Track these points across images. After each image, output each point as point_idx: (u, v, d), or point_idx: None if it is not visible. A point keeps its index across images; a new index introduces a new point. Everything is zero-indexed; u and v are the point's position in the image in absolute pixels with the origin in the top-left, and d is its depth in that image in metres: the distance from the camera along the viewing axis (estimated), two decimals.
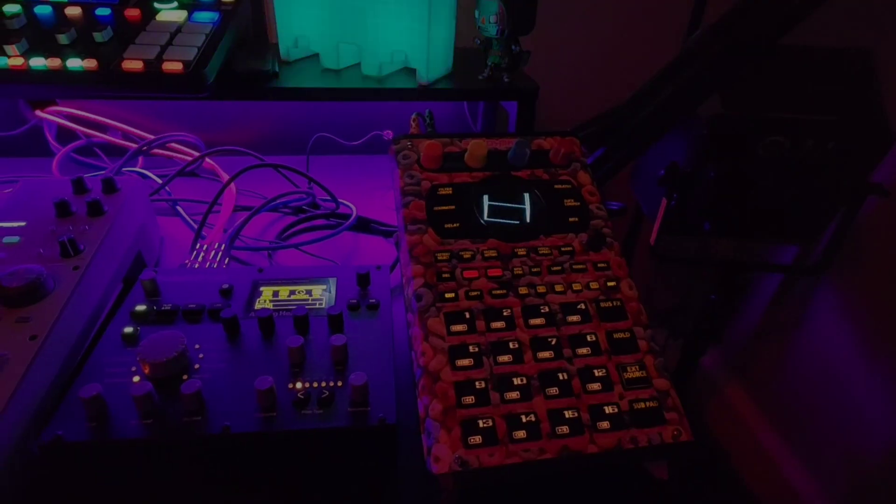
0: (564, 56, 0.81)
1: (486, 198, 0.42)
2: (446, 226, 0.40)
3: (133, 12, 0.60)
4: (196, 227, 0.62)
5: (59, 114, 0.72)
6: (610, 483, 0.38)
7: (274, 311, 0.43)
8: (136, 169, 0.69)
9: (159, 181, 0.67)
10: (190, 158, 0.74)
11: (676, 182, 0.70)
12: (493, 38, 0.60)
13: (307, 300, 0.45)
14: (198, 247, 0.53)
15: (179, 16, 0.61)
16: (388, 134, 0.81)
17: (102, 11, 0.60)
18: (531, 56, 0.60)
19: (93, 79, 0.51)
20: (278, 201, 0.65)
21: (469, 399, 0.33)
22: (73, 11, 0.59)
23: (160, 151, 0.71)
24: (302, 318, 0.41)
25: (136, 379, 0.37)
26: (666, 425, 0.34)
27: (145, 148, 0.67)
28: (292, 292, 0.46)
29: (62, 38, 0.53)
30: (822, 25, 0.57)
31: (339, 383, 0.37)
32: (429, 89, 0.59)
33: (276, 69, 0.59)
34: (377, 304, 0.44)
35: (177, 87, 0.52)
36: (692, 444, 0.34)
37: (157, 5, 0.62)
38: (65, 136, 0.74)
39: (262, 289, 0.46)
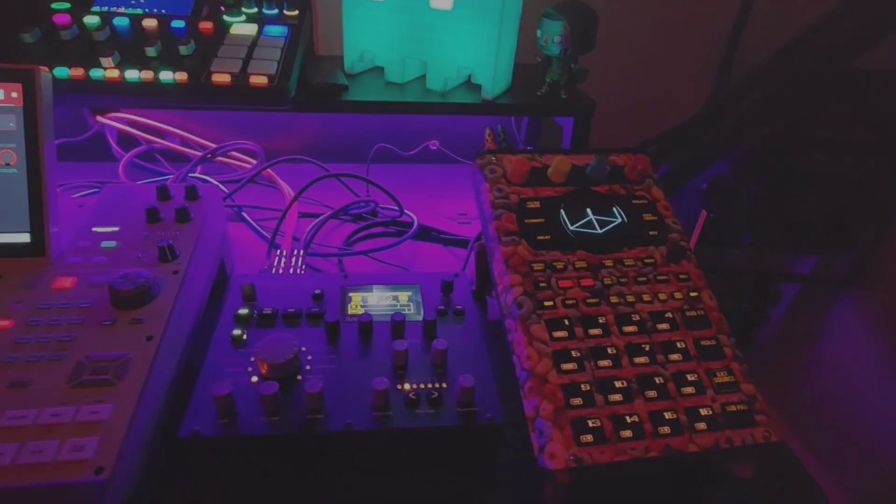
0: (609, 73, 0.84)
1: (572, 211, 0.45)
2: (538, 237, 0.43)
3: (206, 25, 0.62)
4: (262, 232, 0.65)
5: (119, 120, 0.74)
6: (692, 482, 0.40)
7: (361, 316, 0.45)
8: (198, 175, 0.71)
9: (223, 188, 0.69)
10: (248, 166, 0.76)
11: (719, 195, 0.73)
12: (553, 57, 0.62)
13: (395, 306, 0.48)
14: (279, 253, 0.55)
15: (251, 29, 0.63)
16: (435, 144, 0.83)
17: (177, 24, 0.62)
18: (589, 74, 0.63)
19: (183, 91, 0.54)
20: (348, 210, 0.67)
21: (577, 400, 0.36)
22: (150, 23, 0.61)
23: (221, 159, 0.73)
24: (399, 324, 0.43)
25: (254, 379, 0.39)
26: (757, 427, 0.37)
27: (209, 155, 0.69)
28: (380, 298, 0.48)
29: (150, 51, 0.55)
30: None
31: (444, 385, 0.40)
32: (492, 104, 0.62)
33: (346, 82, 0.61)
34: (463, 311, 0.47)
35: (262, 100, 0.55)
36: (781, 445, 0.37)
37: (226, 18, 0.65)
38: (124, 141, 0.76)
39: (350, 294, 0.48)
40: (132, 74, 0.53)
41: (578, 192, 0.47)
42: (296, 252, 0.55)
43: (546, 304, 0.40)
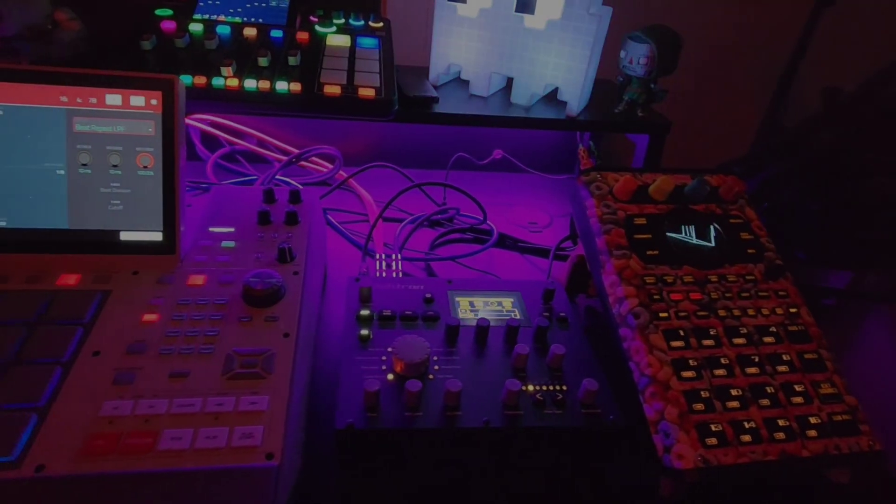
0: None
1: (675, 228, 0.48)
2: (648, 252, 0.46)
3: (303, 35, 0.65)
4: (351, 237, 0.68)
5: (203, 121, 0.77)
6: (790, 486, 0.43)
7: (473, 320, 0.48)
8: (280, 178, 0.74)
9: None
10: (323, 170, 0.79)
11: (779, 213, 0.76)
12: (634, 77, 0.65)
13: (501, 311, 0.51)
14: (379, 258, 0.58)
15: (345, 40, 0.66)
16: (499, 153, 0.86)
17: (276, 34, 0.65)
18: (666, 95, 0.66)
19: (297, 101, 0.56)
20: (432, 216, 0.70)
21: (699, 406, 0.39)
22: (250, 32, 0.64)
23: (303, 163, 0.76)
24: (514, 328, 0.46)
25: (390, 377, 0.42)
26: (861, 436, 0.40)
27: (294, 159, 0.72)
28: (486, 303, 0.51)
29: (262, 61, 0.58)
30: None
31: (564, 387, 0.43)
32: (576, 121, 0.65)
33: (437, 95, 0.64)
34: (566, 318, 0.50)
35: (369, 111, 0.58)
36: (882, 454, 0.40)
37: (319, 29, 0.67)
38: (206, 141, 0.79)
39: (458, 299, 0.51)
40: (250, 84, 0.55)
41: (678, 210, 0.50)
42: (394, 256, 0.58)
43: (661, 315, 0.43)
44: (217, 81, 0.55)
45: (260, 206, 0.59)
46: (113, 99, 0.48)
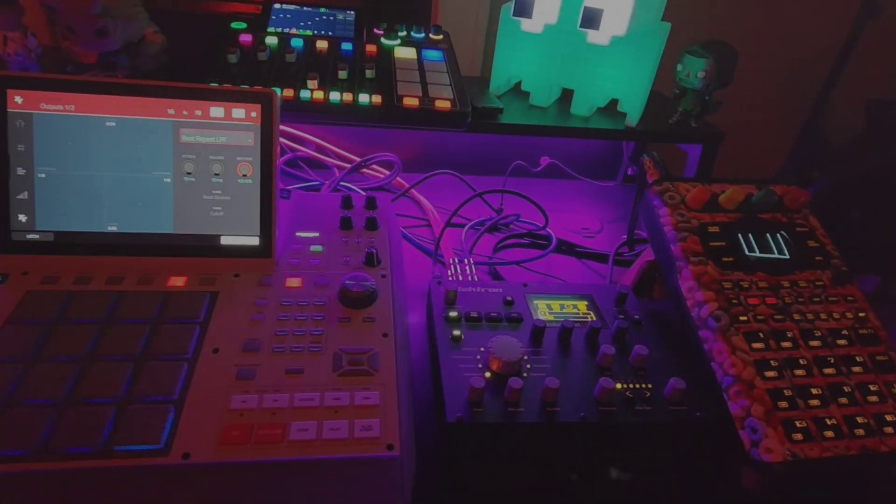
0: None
1: (747, 235, 0.51)
2: (723, 259, 0.49)
3: (371, 48, 0.68)
4: (418, 242, 0.70)
5: None
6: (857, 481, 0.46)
7: (554, 322, 0.51)
8: (343, 184, 0.77)
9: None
10: (380, 176, 0.81)
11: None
12: (690, 89, 0.68)
13: (577, 313, 0.53)
14: (453, 262, 0.61)
15: (411, 53, 0.69)
16: (546, 160, 0.89)
17: (346, 46, 0.68)
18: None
19: (378, 113, 0.59)
20: (498, 221, 0.73)
21: (783, 404, 0.41)
22: (322, 45, 0.67)
23: (365, 171, 0.79)
24: (596, 330, 0.49)
25: (487, 374, 0.45)
26: None
27: (358, 166, 0.75)
28: (562, 306, 0.54)
29: (342, 74, 0.61)
30: None
31: (649, 385, 0.45)
32: (634, 131, 0.67)
33: (501, 105, 0.67)
34: (640, 321, 0.52)
35: (445, 123, 0.60)
36: None
37: (384, 41, 0.70)
38: None
39: (535, 301, 0.54)
40: (335, 96, 0.58)
41: (747, 218, 0.52)
42: (466, 261, 0.61)
43: (741, 318, 0.45)
44: (304, 94, 0.58)
45: (338, 211, 0.62)
46: (216, 111, 0.51)
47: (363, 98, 0.59)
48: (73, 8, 0.51)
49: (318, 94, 0.58)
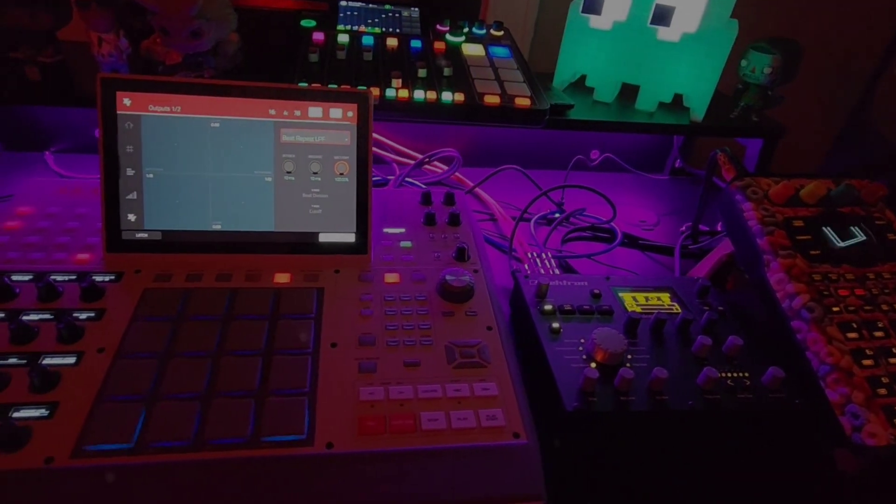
0: None
1: (831, 229, 0.52)
2: (811, 252, 0.50)
3: (440, 45, 0.69)
4: (490, 237, 0.72)
5: None
6: None
7: (644, 314, 0.53)
8: (407, 179, 0.78)
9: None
10: (438, 171, 0.83)
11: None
12: (753, 84, 0.69)
13: (663, 305, 0.55)
14: (532, 256, 0.62)
15: (479, 49, 0.70)
16: (595, 154, 0.90)
17: (415, 44, 0.69)
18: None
19: (460, 111, 0.60)
20: (570, 215, 0.75)
21: (883, 391, 0.43)
22: (392, 42, 0.68)
23: (430, 168, 0.80)
24: (688, 322, 0.51)
25: (592, 365, 0.47)
26: None
27: (423, 161, 0.76)
28: (647, 298, 0.56)
29: (421, 72, 0.62)
30: None
31: (746, 374, 0.47)
32: (699, 125, 0.69)
33: (572, 101, 0.68)
34: (724, 311, 0.54)
35: (524, 120, 0.62)
36: None
37: (449, 38, 0.71)
38: None
39: (620, 294, 0.56)
40: (419, 94, 0.59)
41: (827, 212, 0.54)
42: (544, 255, 0.63)
43: (834, 309, 0.47)
44: (389, 93, 0.59)
45: (418, 207, 0.63)
46: (315, 111, 0.52)
47: (446, 96, 0.60)
48: (171, 9, 0.52)
49: (403, 93, 0.59)
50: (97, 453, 0.36)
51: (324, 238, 0.53)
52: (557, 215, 0.76)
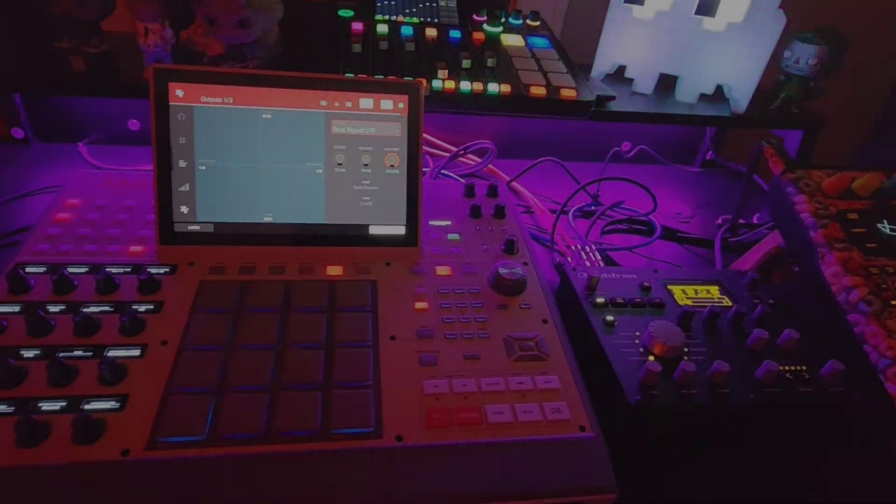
0: None
1: (885, 222, 0.52)
2: (867, 245, 0.50)
3: (479, 35, 0.68)
4: (530, 229, 0.71)
5: None
6: None
7: (696, 307, 0.53)
8: (442, 171, 0.78)
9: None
10: (471, 163, 0.82)
11: None
12: (795, 75, 0.69)
13: (713, 298, 0.55)
14: (575, 249, 0.62)
15: (517, 40, 0.69)
16: (626, 146, 0.90)
17: (454, 34, 0.68)
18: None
19: (506, 102, 0.60)
20: (612, 207, 0.74)
21: None
22: (431, 33, 0.67)
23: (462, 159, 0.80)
24: (741, 315, 0.51)
25: (650, 358, 0.46)
26: None
27: (458, 153, 0.76)
28: (696, 291, 0.55)
29: (465, 63, 0.61)
30: None
31: (803, 367, 0.47)
32: (740, 117, 0.68)
33: (615, 93, 0.67)
34: (776, 304, 0.54)
35: (570, 111, 0.61)
36: None
37: (487, 28, 0.71)
38: None
39: (669, 287, 0.55)
40: (465, 86, 0.59)
41: (880, 204, 0.54)
42: (587, 248, 0.62)
43: (892, 302, 0.47)
44: (436, 84, 0.59)
45: (461, 199, 0.63)
46: (366, 102, 0.51)
47: (492, 87, 0.59)
48: None
49: (450, 84, 0.59)
50: (171, 445, 0.36)
51: (374, 230, 0.52)
52: (593, 208, 0.76)
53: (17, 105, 0.71)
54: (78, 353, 0.40)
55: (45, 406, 0.37)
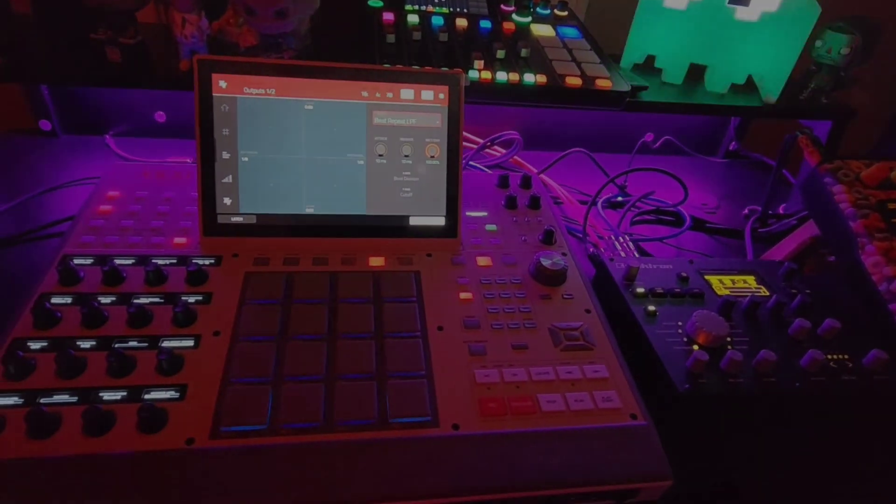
0: None
1: None
2: None
3: (509, 26, 0.68)
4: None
5: None
6: None
7: (735, 296, 0.53)
8: (470, 163, 0.78)
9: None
10: (496, 154, 0.82)
11: None
12: (828, 65, 0.68)
13: (750, 288, 0.55)
14: (611, 239, 0.62)
15: (548, 30, 0.69)
16: (649, 136, 0.90)
17: (485, 24, 0.68)
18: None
19: (542, 92, 0.60)
20: (641, 198, 0.74)
21: None
22: (462, 23, 0.67)
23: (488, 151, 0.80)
24: (781, 304, 0.51)
25: (695, 347, 0.47)
26: None
27: (486, 144, 0.76)
28: (733, 281, 0.56)
29: (499, 53, 0.61)
30: None
31: (846, 356, 0.47)
32: (771, 107, 0.68)
33: (647, 84, 0.67)
34: (813, 293, 0.54)
35: (605, 101, 0.61)
36: None
37: (516, 18, 0.70)
38: None
39: (706, 277, 0.56)
40: (501, 76, 0.59)
41: None
42: (621, 238, 0.62)
43: None
44: (472, 74, 0.59)
45: (495, 190, 0.63)
46: (407, 93, 0.51)
47: (528, 78, 0.59)
48: None
49: (486, 75, 0.59)
50: (234, 434, 0.36)
51: (414, 221, 0.52)
52: (621, 198, 0.76)
53: (44, 97, 0.71)
54: (133, 343, 0.41)
55: (107, 396, 0.37)
